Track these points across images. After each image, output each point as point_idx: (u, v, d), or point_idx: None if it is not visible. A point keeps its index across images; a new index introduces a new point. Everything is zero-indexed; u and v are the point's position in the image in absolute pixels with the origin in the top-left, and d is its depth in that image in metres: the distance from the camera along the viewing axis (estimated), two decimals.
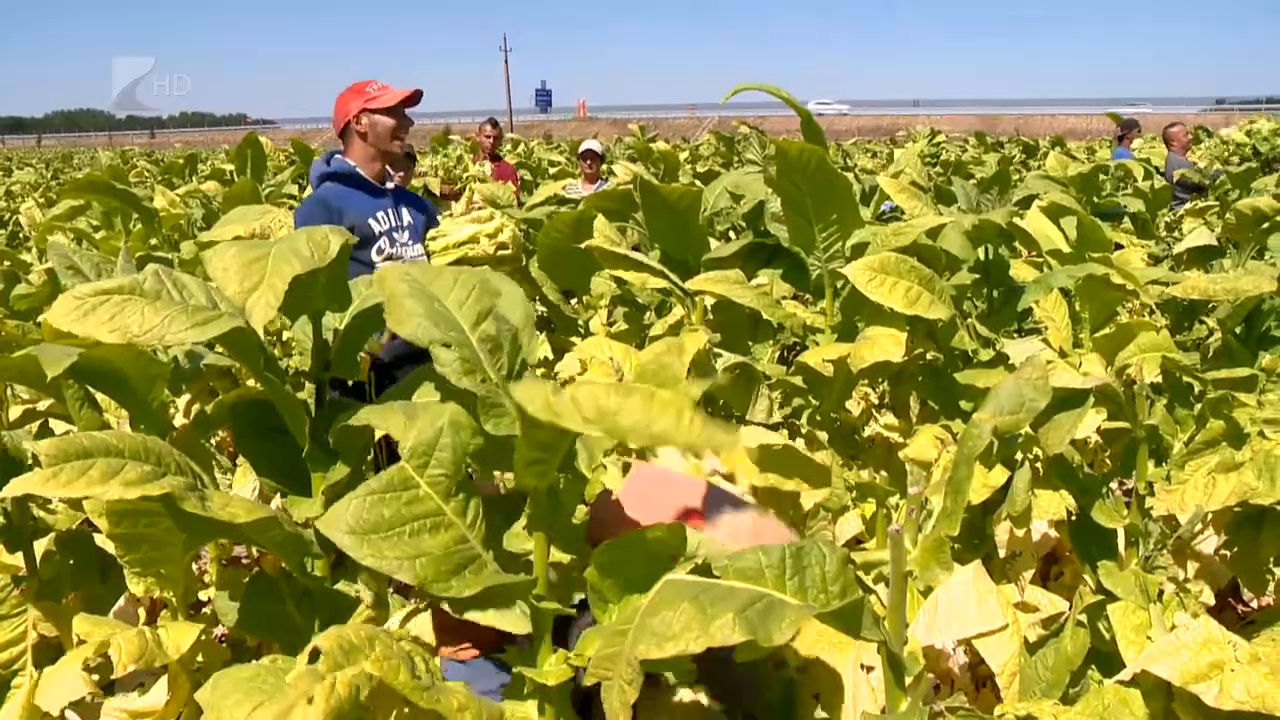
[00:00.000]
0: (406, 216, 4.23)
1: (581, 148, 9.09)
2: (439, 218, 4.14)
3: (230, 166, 9.95)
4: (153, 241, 5.78)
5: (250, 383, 3.62)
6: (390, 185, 4.30)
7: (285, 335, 4.80)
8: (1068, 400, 2.32)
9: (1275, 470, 2.45)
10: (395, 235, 4.12)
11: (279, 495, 2.27)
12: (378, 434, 1.94)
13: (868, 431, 3.56)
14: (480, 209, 3.81)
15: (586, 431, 1.29)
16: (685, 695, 2.06)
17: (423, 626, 1.79)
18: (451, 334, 1.55)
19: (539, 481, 1.47)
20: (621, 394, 1.30)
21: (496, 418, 1.48)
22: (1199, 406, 2.63)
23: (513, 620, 1.55)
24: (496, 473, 1.88)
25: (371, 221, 4.07)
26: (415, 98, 4.27)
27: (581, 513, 1.65)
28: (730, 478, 2.16)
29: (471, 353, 1.53)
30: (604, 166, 8.73)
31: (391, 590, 2.15)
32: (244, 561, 4.23)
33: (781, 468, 1.93)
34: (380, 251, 4.06)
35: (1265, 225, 3.55)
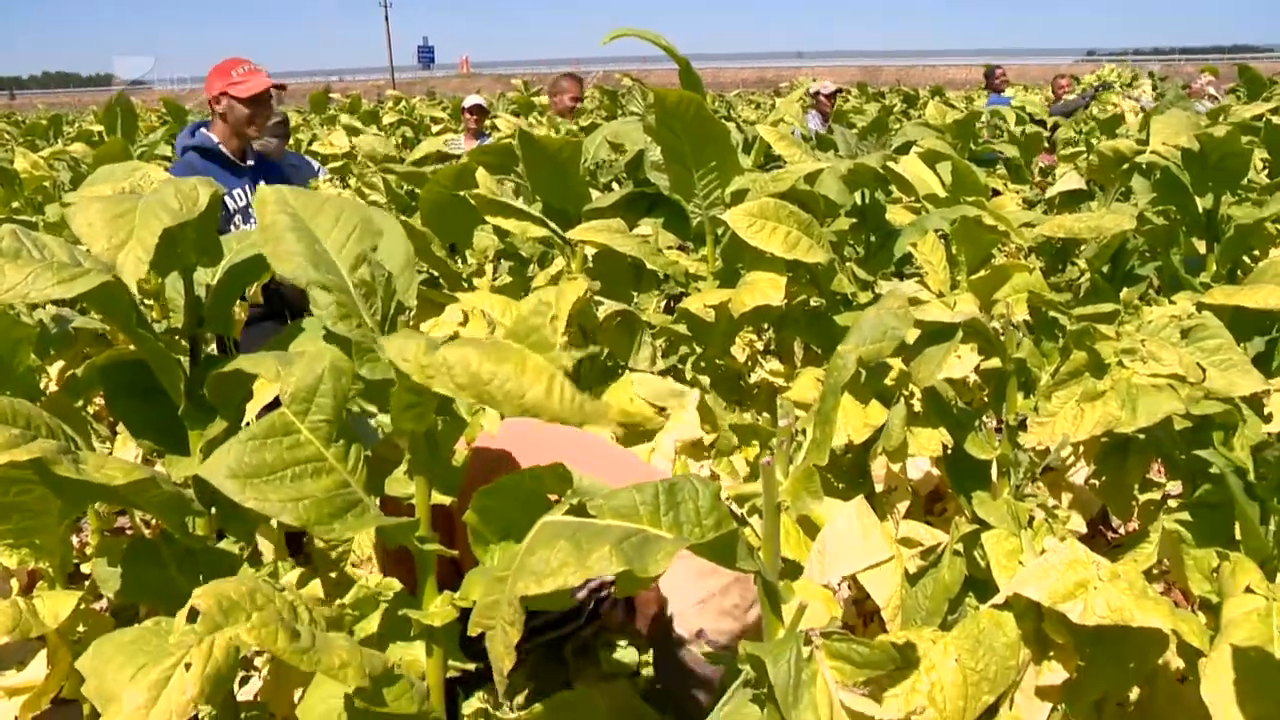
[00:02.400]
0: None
1: (467, 102, 8.98)
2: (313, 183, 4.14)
3: (99, 128, 9.61)
4: (14, 205, 5.58)
5: (123, 343, 3.53)
6: (250, 162, 4.41)
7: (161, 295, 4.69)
8: (937, 334, 2.39)
9: (1137, 399, 2.56)
10: (251, 212, 4.11)
11: (157, 457, 2.22)
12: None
13: (753, 377, 3.61)
14: None
15: (458, 397, 1.30)
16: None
17: None
18: (330, 277, 1.54)
19: (416, 425, 1.47)
20: (495, 360, 1.30)
21: (371, 363, 1.48)
22: (1063, 340, 2.73)
23: None
24: None
25: (227, 199, 4.05)
26: (268, 95, 4.37)
27: (462, 455, 1.66)
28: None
29: (348, 297, 1.52)
30: (487, 122, 8.64)
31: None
32: (128, 532, 4.14)
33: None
34: (236, 228, 4.03)
35: (1126, 166, 3.67)
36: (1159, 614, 2.04)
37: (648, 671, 2.27)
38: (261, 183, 4.20)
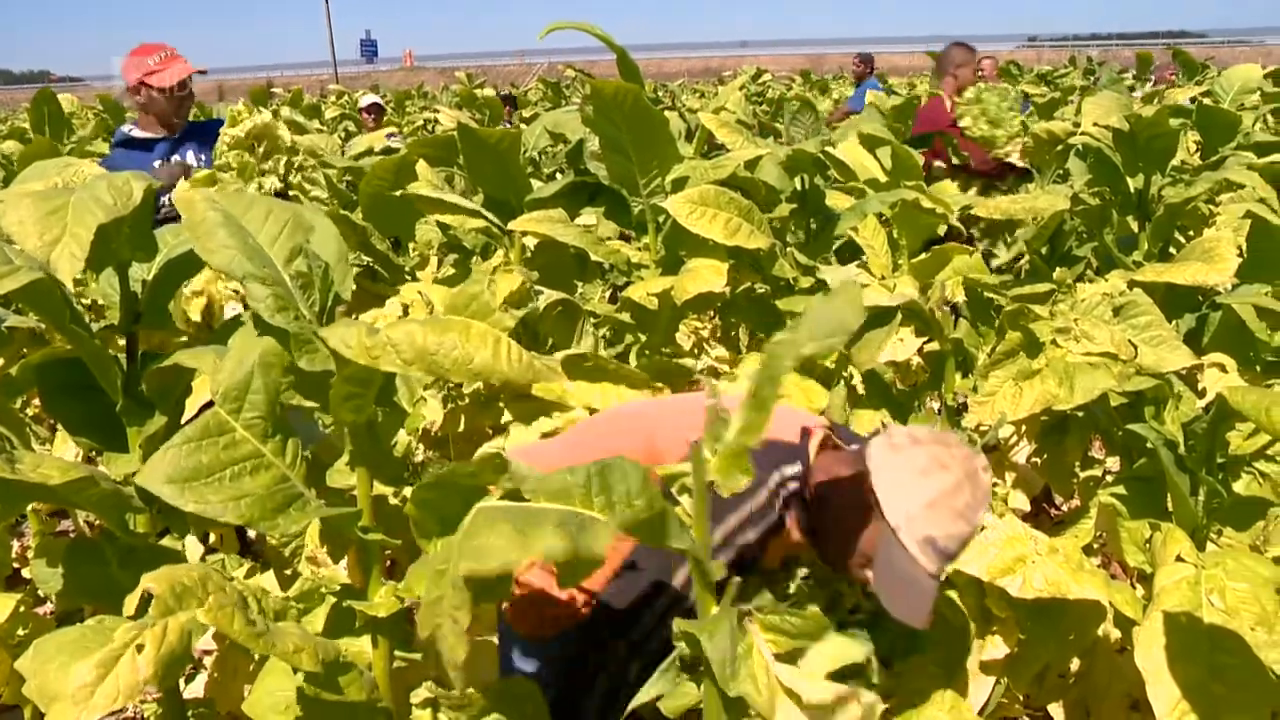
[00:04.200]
0: (190, 158, 4.17)
1: (363, 101, 8.87)
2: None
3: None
4: None
5: (60, 341, 3.49)
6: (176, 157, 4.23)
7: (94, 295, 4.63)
8: (877, 318, 2.43)
9: (1074, 377, 2.61)
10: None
11: (97, 456, 2.20)
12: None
13: (698, 364, 3.64)
14: None
15: (406, 373, 1.31)
16: None
17: None
18: (265, 270, 1.54)
19: (356, 416, 1.48)
20: (438, 331, 1.32)
21: (310, 354, 1.48)
22: (998, 320, 2.77)
23: None
24: None
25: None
26: (189, 81, 4.23)
27: (403, 444, 1.67)
28: None
29: (285, 289, 1.52)
30: (427, 115, 8.59)
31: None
32: (71, 535, 4.09)
33: (593, 376, 1.97)
34: (162, 208, 3.92)
35: (1060, 148, 3.73)
36: (1094, 585, 2.09)
37: None
38: (189, 150, 4.16)
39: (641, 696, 1.45)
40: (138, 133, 4.23)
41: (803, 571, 2.04)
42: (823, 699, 1.34)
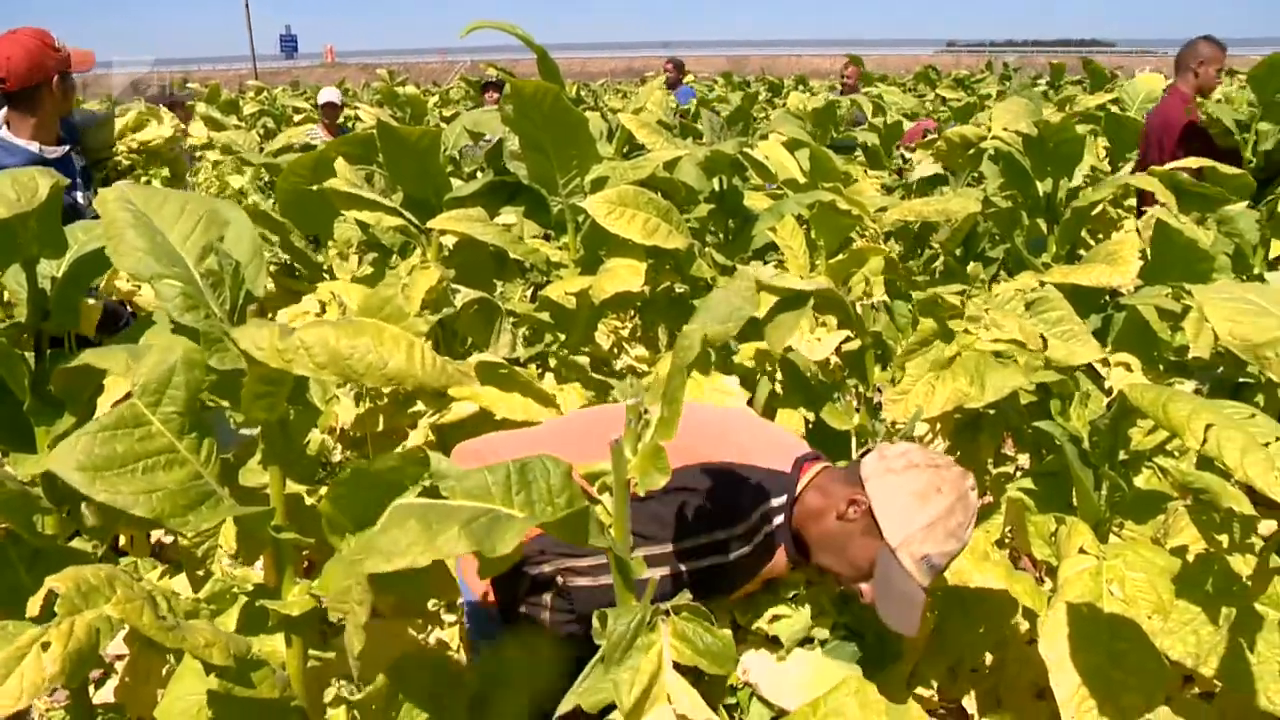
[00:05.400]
0: (77, 161, 3.84)
1: (321, 98, 8.79)
2: None
3: None
4: None
5: None
6: (61, 150, 3.79)
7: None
8: (789, 302, 2.46)
9: (985, 374, 2.67)
10: (74, 193, 3.66)
11: (3, 456, 2.16)
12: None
13: (618, 364, 3.65)
14: None
15: (319, 377, 1.31)
16: None
17: None
18: (175, 269, 1.52)
19: (268, 414, 1.47)
20: (352, 334, 1.32)
21: (221, 353, 1.47)
22: (912, 311, 2.82)
23: None
24: None
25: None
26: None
27: (316, 443, 1.66)
28: None
29: (195, 288, 1.51)
30: (347, 113, 8.51)
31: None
32: None
33: (505, 385, 1.98)
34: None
35: (972, 151, 3.81)
36: (995, 575, 2.16)
37: None
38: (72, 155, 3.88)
39: (566, 704, 1.45)
40: (22, 141, 3.66)
41: (790, 594, 2.16)
42: (696, 716, 1.37)
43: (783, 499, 2.06)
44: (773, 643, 2.11)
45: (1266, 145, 4.38)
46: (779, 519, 2.05)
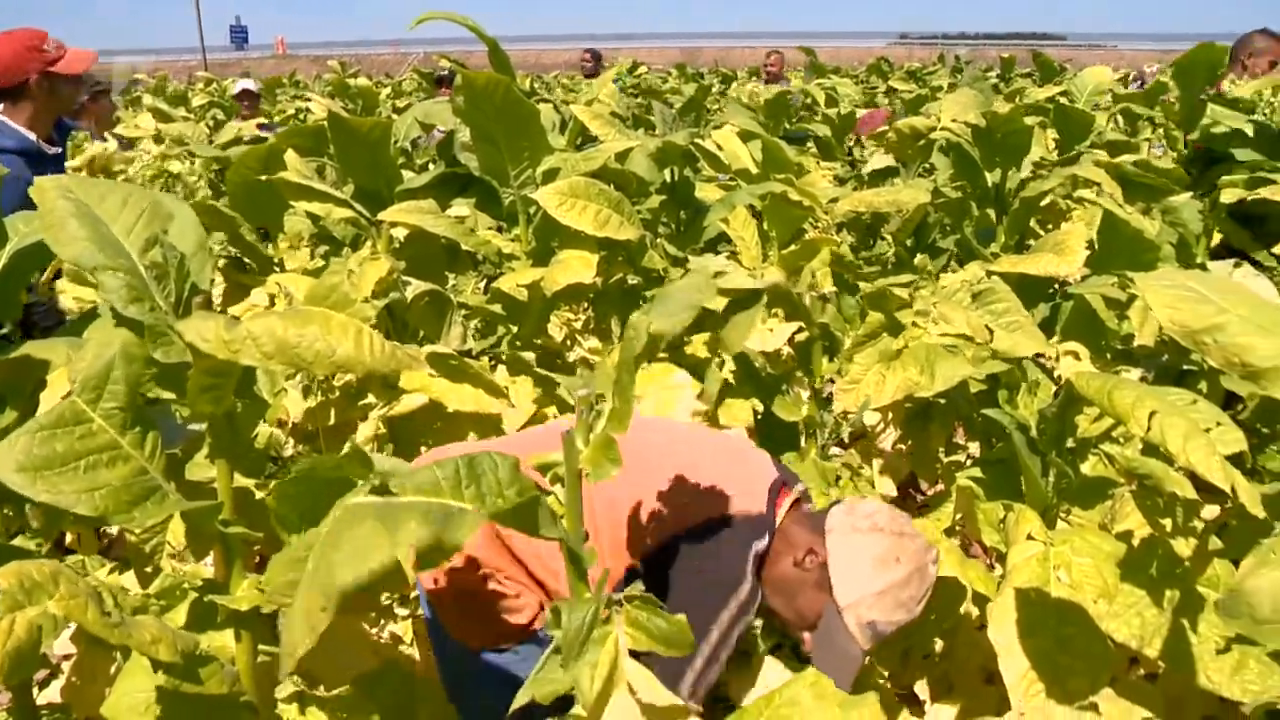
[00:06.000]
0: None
1: (236, 88, 8.67)
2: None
3: None
4: None
5: None
6: (56, 150, 4.01)
7: None
8: (743, 301, 2.47)
9: (935, 364, 2.69)
10: None
11: None
12: None
13: (571, 356, 3.65)
14: None
15: (267, 367, 1.29)
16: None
17: None
18: (119, 260, 1.50)
19: (215, 408, 1.46)
20: (299, 323, 1.30)
21: (166, 346, 1.45)
22: (861, 304, 2.85)
23: None
24: None
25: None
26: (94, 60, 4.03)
27: (264, 436, 1.65)
28: None
29: (139, 280, 1.49)
30: (299, 104, 8.43)
31: None
32: None
33: (455, 377, 1.98)
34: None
35: (922, 143, 3.84)
36: (948, 562, 2.18)
37: None
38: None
39: (522, 697, 1.44)
40: (18, 126, 3.85)
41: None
42: (659, 703, 1.37)
43: (764, 541, 2.03)
44: (743, 655, 2.09)
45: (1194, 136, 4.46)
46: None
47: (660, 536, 1.98)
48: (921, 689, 2.68)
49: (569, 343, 3.75)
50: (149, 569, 2.50)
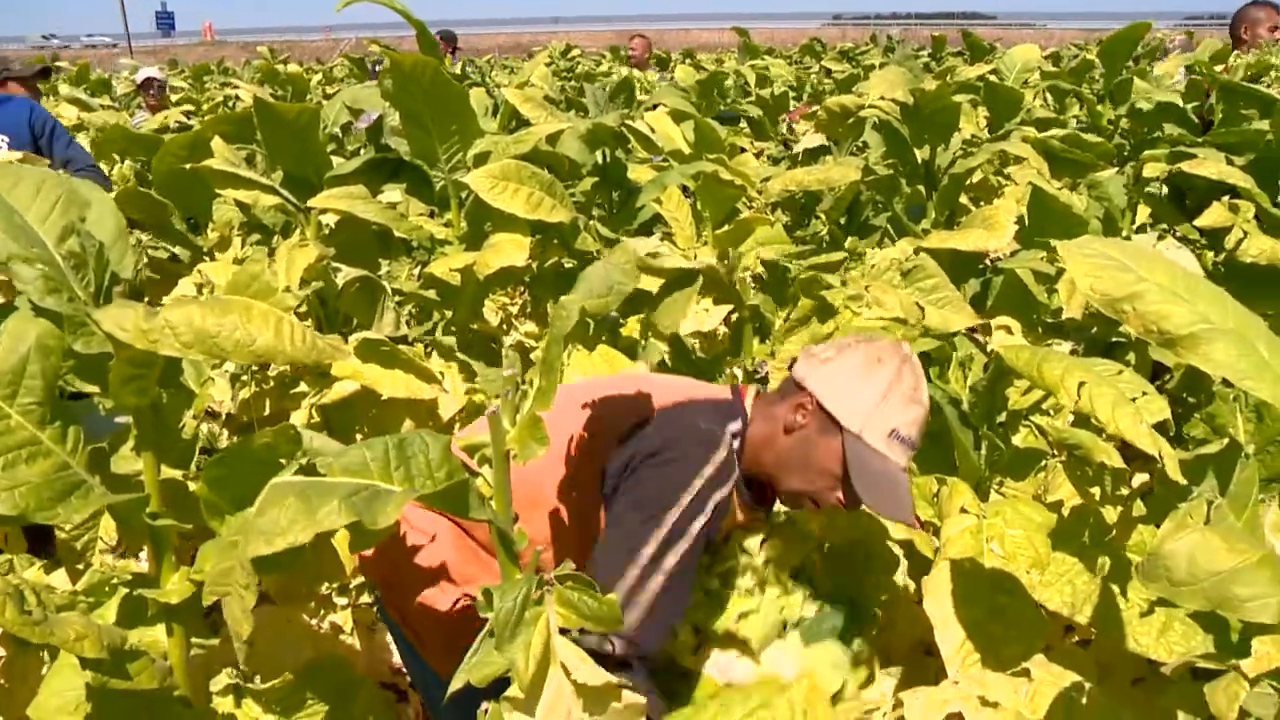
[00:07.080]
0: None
1: (139, 76, 8.49)
2: None
3: None
4: None
5: None
6: None
7: None
8: (678, 282, 2.47)
9: None
10: None
11: None
12: None
13: (507, 340, 3.64)
14: None
15: (186, 356, 1.27)
16: None
17: None
18: (34, 250, 1.46)
19: (139, 399, 1.43)
20: (218, 313, 1.29)
21: (86, 337, 1.42)
22: (793, 288, 2.86)
23: None
24: None
25: None
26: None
27: (192, 427, 1.63)
28: None
29: (56, 270, 1.45)
30: (228, 91, 8.29)
31: None
32: None
33: (386, 363, 1.96)
34: None
35: (852, 120, 3.85)
36: (895, 527, 2.22)
37: None
38: None
39: (457, 681, 1.43)
40: None
41: (762, 556, 2.06)
42: (591, 682, 1.37)
43: (738, 424, 1.96)
44: (743, 644, 2.01)
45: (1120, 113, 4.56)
46: (736, 444, 1.95)
47: (631, 429, 1.92)
48: None
49: (505, 327, 3.74)
50: (80, 566, 2.47)
